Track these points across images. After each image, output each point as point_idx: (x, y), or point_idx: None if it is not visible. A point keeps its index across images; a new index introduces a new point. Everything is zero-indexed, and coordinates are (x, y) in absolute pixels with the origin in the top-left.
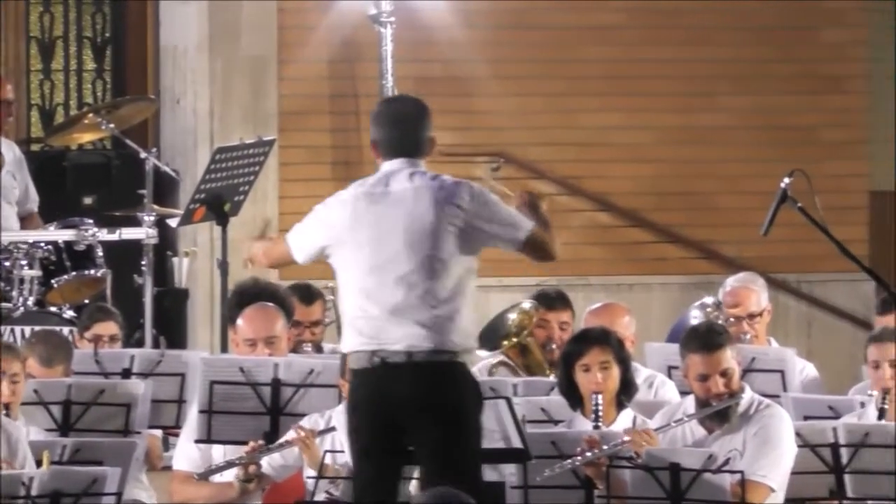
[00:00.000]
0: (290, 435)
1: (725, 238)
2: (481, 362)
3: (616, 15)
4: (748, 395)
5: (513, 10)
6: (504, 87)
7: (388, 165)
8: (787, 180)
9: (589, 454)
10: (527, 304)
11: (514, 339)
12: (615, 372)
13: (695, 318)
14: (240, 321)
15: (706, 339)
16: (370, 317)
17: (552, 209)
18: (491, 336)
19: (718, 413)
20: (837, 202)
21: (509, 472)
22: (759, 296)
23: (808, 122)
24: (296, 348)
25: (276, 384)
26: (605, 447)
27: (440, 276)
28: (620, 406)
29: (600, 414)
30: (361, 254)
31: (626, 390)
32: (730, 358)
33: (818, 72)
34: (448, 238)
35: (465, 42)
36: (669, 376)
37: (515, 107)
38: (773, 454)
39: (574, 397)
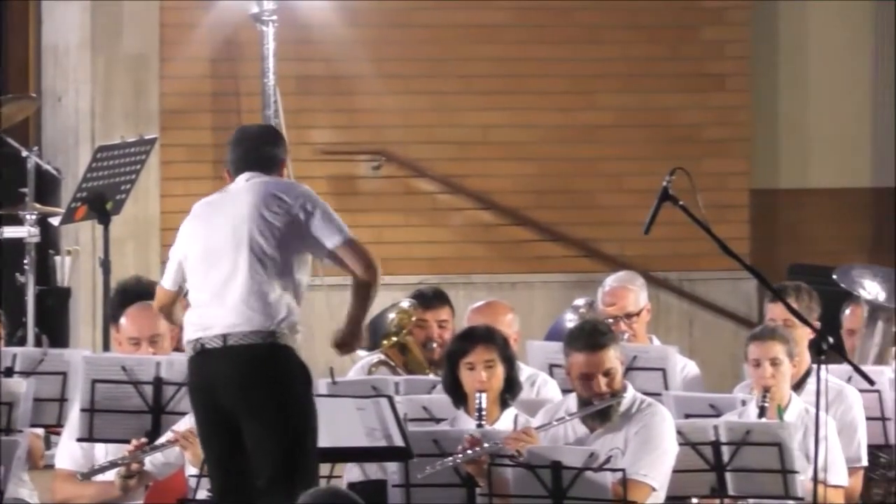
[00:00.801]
0: (170, 435)
1: (607, 236)
2: (361, 361)
3: (499, 14)
4: (630, 394)
5: (395, 9)
6: (386, 86)
7: (234, 183)
8: (668, 178)
9: (470, 452)
10: (406, 303)
11: (394, 339)
12: (500, 370)
13: (570, 320)
14: (123, 320)
15: (590, 339)
16: (197, 305)
17: (435, 207)
18: (371, 335)
19: (600, 412)
20: (719, 200)
21: (391, 471)
22: (637, 295)
23: (689, 120)
24: (178, 346)
25: (159, 382)
26: (486, 445)
27: (262, 265)
28: (504, 404)
29: (484, 412)
30: (196, 248)
31: (511, 389)
32: (613, 357)
33: (700, 70)
34: (270, 228)
35: (347, 40)
36: (551, 375)
37: (397, 105)
38: (655, 453)
39: (458, 395)
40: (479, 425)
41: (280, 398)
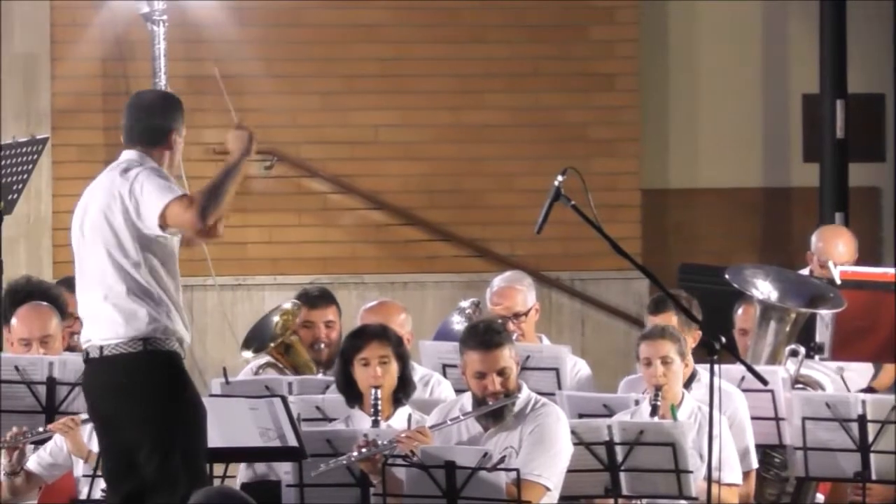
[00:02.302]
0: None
1: (498, 236)
2: (249, 365)
3: (387, 13)
4: (525, 394)
5: (286, 9)
6: (277, 86)
7: (121, 155)
8: (559, 178)
9: (364, 451)
10: (288, 305)
11: (279, 340)
12: (393, 367)
13: (457, 322)
14: (14, 321)
15: (484, 338)
16: (81, 309)
17: (326, 207)
18: (258, 339)
19: (495, 412)
20: (610, 200)
21: (284, 471)
22: (525, 295)
23: (579, 120)
24: (71, 346)
25: (52, 383)
26: (380, 444)
27: (117, 269)
28: (398, 403)
29: (379, 408)
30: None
31: (404, 387)
32: (507, 357)
33: (589, 69)
34: (122, 230)
35: (237, 40)
36: (444, 374)
37: (288, 105)
38: (549, 453)
39: (352, 393)
40: (375, 422)
41: (147, 405)
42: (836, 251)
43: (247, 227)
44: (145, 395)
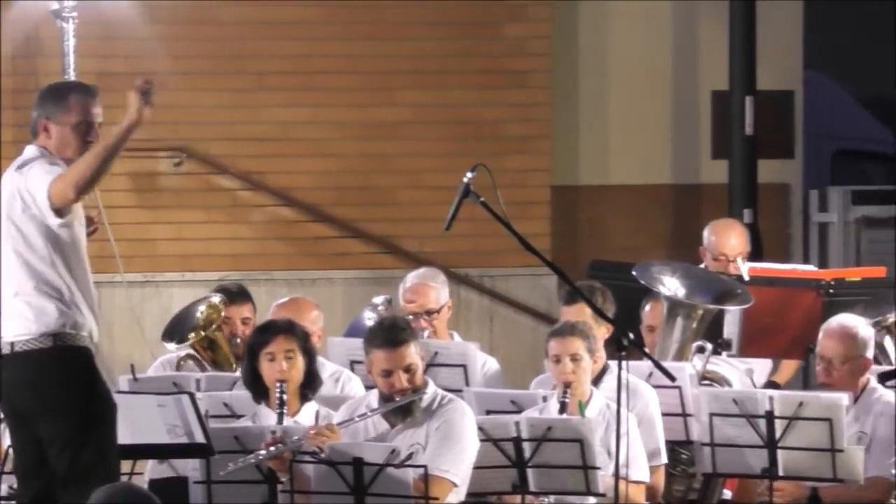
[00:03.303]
0: None
1: (408, 233)
2: (168, 355)
3: (297, 10)
4: (431, 390)
5: (196, 6)
6: (187, 83)
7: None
8: (469, 175)
9: (273, 449)
10: (216, 298)
11: (203, 333)
12: (300, 362)
13: (368, 318)
14: None
15: (389, 335)
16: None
17: (236, 204)
18: (178, 329)
19: (402, 408)
20: (519, 197)
21: (192, 468)
22: (437, 292)
23: (490, 117)
24: None
25: None
26: (288, 440)
27: (25, 265)
28: (304, 398)
29: (285, 403)
30: None
31: (311, 383)
32: (413, 353)
33: (501, 67)
34: (26, 227)
35: (148, 37)
36: (353, 371)
37: (198, 102)
38: (455, 449)
39: (259, 389)
40: (280, 416)
41: (59, 400)
42: (728, 245)
43: (156, 223)
44: (57, 390)
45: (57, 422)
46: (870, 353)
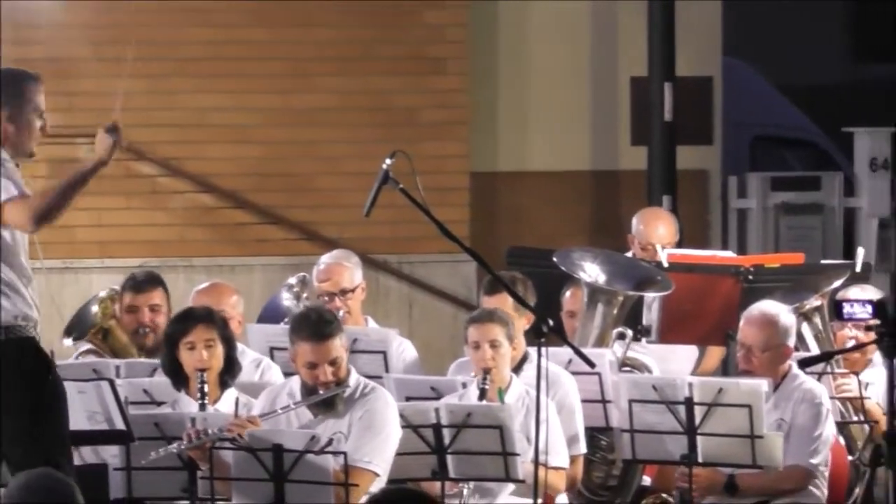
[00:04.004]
0: None
1: (327, 219)
2: (76, 353)
3: None
4: (354, 379)
5: None
6: (106, 69)
7: None
8: (388, 161)
9: (195, 440)
10: (103, 293)
11: (98, 326)
12: (219, 350)
13: (285, 298)
14: None
15: (316, 329)
16: None
17: (155, 190)
18: (79, 327)
19: (325, 400)
20: (438, 183)
21: (111, 455)
22: (351, 272)
23: (408, 104)
24: None
25: None
26: (209, 432)
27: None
28: (224, 385)
29: (206, 392)
30: None
31: (230, 369)
32: (339, 346)
33: (419, 53)
34: None
35: (66, 24)
36: (272, 357)
37: (117, 88)
38: (378, 439)
39: (178, 377)
40: (202, 406)
41: (13, 392)
42: (656, 233)
43: (75, 210)
44: (11, 382)
45: (11, 414)
46: (791, 341)
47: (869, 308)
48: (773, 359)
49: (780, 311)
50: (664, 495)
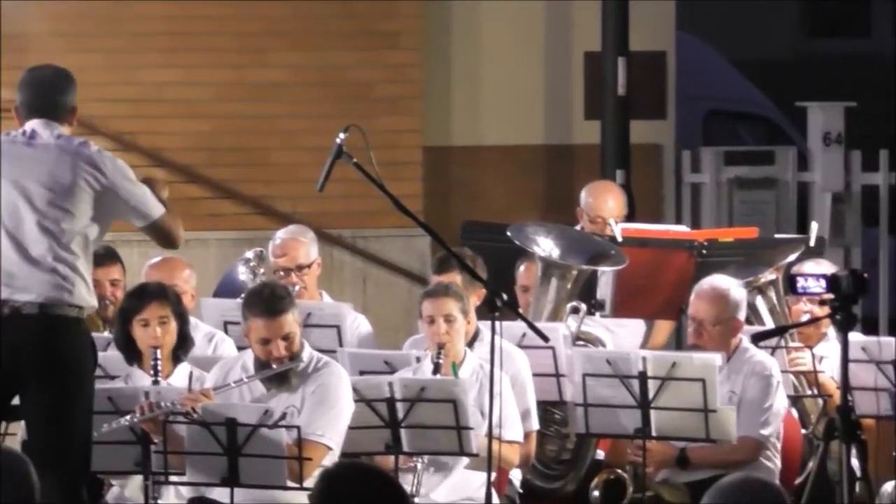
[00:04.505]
0: None
1: (281, 194)
2: None
3: None
4: (307, 353)
5: None
6: (61, 44)
7: (28, 124)
8: (342, 136)
9: (148, 412)
10: None
11: None
12: (173, 326)
13: (241, 273)
14: None
15: (269, 304)
16: (7, 262)
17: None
18: None
19: (279, 375)
20: (392, 158)
21: None
22: (308, 248)
23: (362, 78)
24: None
25: None
26: (162, 405)
27: (72, 234)
28: (177, 360)
29: (159, 368)
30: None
31: (183, 345)
32: (292, 321)
33: (373, 28)
34: (84, 198)
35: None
36: (225, 331)
37: (72, 63)
38: (331, 413)
39: (132, 352)
40: (155, 381)
41: (77, 373)
42: (605, 206)
43: None
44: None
45: (53, 393)
46: (741, 315)
47: (823, 282)
48: (723, 332)
49: (730, 285)
50: (618, 471)
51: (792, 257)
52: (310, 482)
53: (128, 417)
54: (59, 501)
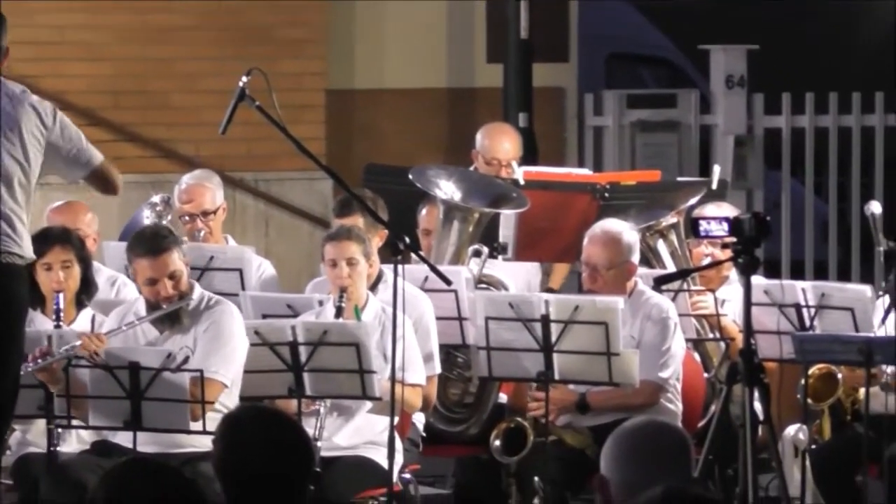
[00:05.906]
0: None
1: (183, 137)
2: None
3: None
4: (198, 293)
5: None
6: None
7: None
8: (244, 79)
9: (41, 360)
10: None
11: None
12: (76, 271)
13: (147, 217)
14: None
15: (151, 244)
16: None
17: None
18: None
19: (170, 315)
20: (295, 100)
21: None
22: (213, 193)
23: (265, 21)
24: None
25: None
26: (59, 351)
27: (20, 183)
28: (80, 305)
29: (62, 314)
30: None
31: (87, 289)
32: (177, 260)
33: None
34: (30, 148)
35: None
36: (127, 275)
37: None
38: (224, 350)
39: (34, 297)
40: (57, 326)
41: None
42: (501, 149)
43: None
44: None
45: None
46: (635, 258)
47: (725, 225)
48: (618, 276)
49: (622, 228)
50: (518, 419)
51: (694, 200)
52: (210, 424)
53: (23, 366)
54: None
